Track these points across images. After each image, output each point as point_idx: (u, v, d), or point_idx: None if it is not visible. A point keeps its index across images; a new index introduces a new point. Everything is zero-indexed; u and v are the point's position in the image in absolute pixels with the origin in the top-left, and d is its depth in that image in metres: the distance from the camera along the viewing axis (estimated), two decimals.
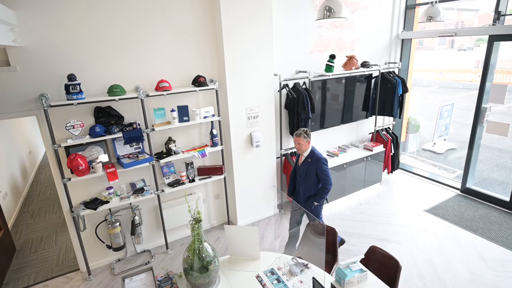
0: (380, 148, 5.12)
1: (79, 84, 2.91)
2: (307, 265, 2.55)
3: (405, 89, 5.08)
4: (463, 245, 3.77)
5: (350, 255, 3.62)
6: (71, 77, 2.87)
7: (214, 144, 3.84)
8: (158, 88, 3.34)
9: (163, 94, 3.32)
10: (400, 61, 5.49)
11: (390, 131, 5.46)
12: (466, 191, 4.94)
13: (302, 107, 4.13)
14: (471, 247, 3.74)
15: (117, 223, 3.49)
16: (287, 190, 3.57)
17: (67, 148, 3.13)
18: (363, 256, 2.20)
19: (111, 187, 3.43)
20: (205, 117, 3.68)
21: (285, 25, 4.15)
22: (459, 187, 5.05)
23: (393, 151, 5.39)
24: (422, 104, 11.67)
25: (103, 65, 3.18)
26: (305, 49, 4.43)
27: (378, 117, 5.36)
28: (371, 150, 5.03)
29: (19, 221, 4.88)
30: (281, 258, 2.61)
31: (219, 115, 3.81)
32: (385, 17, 5.12)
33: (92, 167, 3.18)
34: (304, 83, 4.34)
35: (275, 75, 4.06)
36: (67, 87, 2.87)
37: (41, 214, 5.09)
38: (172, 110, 3.46)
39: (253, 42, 3.75)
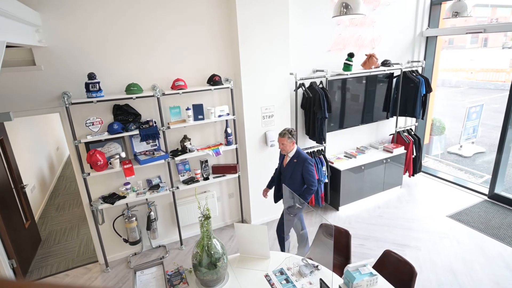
0: (400, 150, 4.94)
1: (98, 83, 3.02)
2: (317, 266, 2.50)
3: (429, 89, 4.87)
4: (488, 254, 3.56)
5: (365, 259, 3.51)
6: (91, 76, 2.99)
7: (228, 143, 3.86)
8: (174, 87, 3.40)
9: (178, 93, 3.38)
10: (424, 59, 5.27)
11: (412, 133, 5.25)
12: (494, 197, 4.66)
13: (318, 106, 4.06)
14: (497, 256, 3.51)
15: (134, 218, 3.59)
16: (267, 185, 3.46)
17: (87, 144, 3.26)
18: (373, 259, 2.12)
19: (128, 183, 3.53)
20: (219, 116, 3.71)
21: (302, 23, 4.10)
22: (487, 192, 4.77)
23: (415, 154, 5.18)
24: (448, 105, 11.15)
25: (121, 64, 3.28)
26: (323, 47, 4.36)
27: (399, 118, 5.17)
28: (391, 152, 4.86)
29: (45, 213, 5.14)
30: (291, 258, 2.58)
31: (233, 114, 3.83)
32: (408, 14, 4.93)
33: (110, 163, 3.29)
34: (321, 82, 4.27)
35: (291, 74, 4.02)
36: (87, 85, 2.99)
37: (65, 207, 5.33)
38: (187, 109, 3.51)
39: (269, 41, 3.73)
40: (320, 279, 2.00)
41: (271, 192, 3.44)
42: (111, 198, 3.42)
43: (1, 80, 2.80)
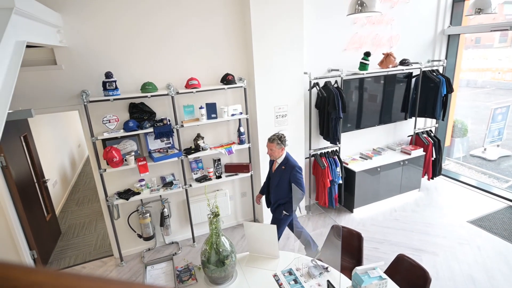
0: (419, 152, 4.78)
1: (115, 81, 3.11)
2: (327, 268, 2.46)
3: (450, 89, 4.69)
4: (511, 262, 3.38)
5: (375, 263, 3.42)
6: (108, 75, 3.08)
7: (241, 142, 3.87)
8: (187, 86, 3.45)
9: (192, 92, 3.43)
10: (446, 58, 5.08)
11: (432, 134, 5.07)
12: None
13: (332, 106, 4.00)
14: None
15: (148, 214, 3.67)
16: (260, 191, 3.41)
17: (104, 141, 3.36)
18: (383, 263, 2.07)
19: (142, 180, 3.61)
20: (232, 115, 3.72)
21: (317, 22, 4.05)
22: None
23: (434, 156, 5.00)
24: (472, 106, 10.68)
25: (137, 63, 3.36)
26: (338, 46, 4.29)
27: (418, 118, 5.01)
28: (409, 154, 4.72)
29: (66, 208, 5.35)
30: (300, 259, 2.55)
31: (246, 113, 3.83)
32: (428, 11, 4.77)
33: (126, 160, 3.38)
34: (336, 82, 4.20)
35: (305, 73, 3.99)
36: (104, 84, 3.08)
37: (85, 202, 5.53)
38: (201, 107, 3.55)
39: (283, 40, 3.72)
40: (328, 281, 1.97)
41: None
42: (126, 194, 3.51)
43: (24, 79, 2.94)
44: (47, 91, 3.09)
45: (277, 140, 2.91)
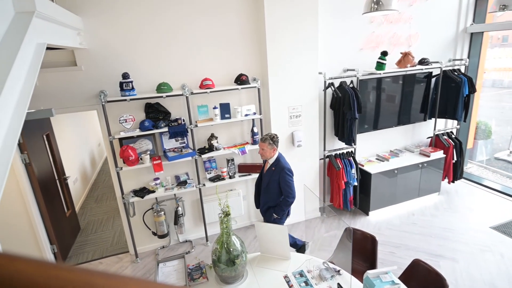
0: (439, 154, 4.62)
1: (131, 82, 3.19)
2: (339, 271, 2.41)
3: (472, 89, 4.51)
4: None
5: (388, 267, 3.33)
6: (125, 76, 3.16)
7: (254, 142, 3.87)
8: (202, 86, 3.49)
9: (206, 92, 3.46)
10: (468, 57, 4.89)
11: (453, 136, 4.89)
12: None
13: (348, 106, 3.94)
14: None
15: (162, 212, 3.74)
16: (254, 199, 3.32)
17: (120, 140, 3.45)
18: (396, 267, 2.00)
19: (157, 178, 3.68)
20: (246, 115, 3.73)
21: (333, 21, 4.00)
22: None
23: (455, 159, 4.82)
24: (497, 107, 10.19)
25: (153, 64, 3.43)
26: (354, 46, 4.21)
27: (438, 119, 4.84)
28: (428, 156, 4.57)
29: (85, 204, 5.53)
30: (311, 261, 2.52)
31: (260, 113, 3.83)
32: (450, 9, 4.61)
33: (141, 158, 3.45)
34: (352, 81, 4.13)
35: (320, 73, 3.94)
36: (121, 84, 3.16)
37: (103, 199, 5.69)
38: (215, 108, 3.58)
39: (297, 40, 3.69)
40: (338, 284, 1.93)
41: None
42: (141, 192, 3.59)
43: (46, 79, 3.06)
44: (67, 91, 3.20)
45: (269, 140, 2.84)
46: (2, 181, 1.22)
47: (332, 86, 4.05)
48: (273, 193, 2.96)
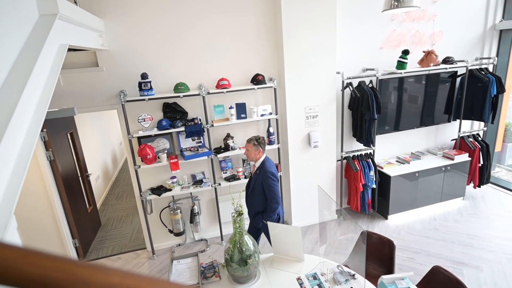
0: (464, 157, 4.41)
1: (150, 82, 3.26)
2: (354, 275, 2.35)
3: (501, 89, 4.28)
4: None
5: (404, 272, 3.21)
6: (143, 76, 3.24)
7: (270, 142, 3.86)
8: (218, 86, 3.51)
9: (222, 92, 3.48)
10: (497, 56, 4.64)
11: (479, 138, 4.66)
12: None
13: (366, 107, 3.84)
14: None
15: (178, 210, 3.79)
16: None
17: (139, 139, 3.53)
18: (412, 273, 1.92)
19: (174, 177, 3.74)
20: (262, 115, 3.72)
21: (352, 19, 3.92)
22: None
23: (482, 162, 4.59)
24: None
25: (171, 65, 3.49)
26: (374, 45, 4.11)
27: (463, 121, 4.63)
28: (452, 159, 4.37)
29: (107, 201, 5.71)
30: (325, 264, 2.47)
31: (276, 114, 3.81)
32: (477, 5, 4.40)
33: (158, 157, 3.52)
34: (371, 81, 4.03)
35: (338, 73, 3.87)
36: (140, 84, 3.24)
37: (123, 196, 5.86)
38: (231, 107, 3.59)
39: (315, 39, 3.64)
40: None
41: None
42: (158, 190, 3.66)
43: (69, 80, 3.19)
44: (89, 91, 3.32)
45: (254, 141, 2.76)
46: (24, 171, 1.27)
47: (350, 86, 3.96)
48: (258, 197, 2.85)
